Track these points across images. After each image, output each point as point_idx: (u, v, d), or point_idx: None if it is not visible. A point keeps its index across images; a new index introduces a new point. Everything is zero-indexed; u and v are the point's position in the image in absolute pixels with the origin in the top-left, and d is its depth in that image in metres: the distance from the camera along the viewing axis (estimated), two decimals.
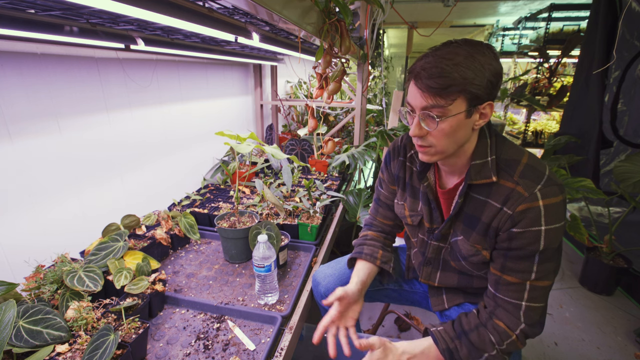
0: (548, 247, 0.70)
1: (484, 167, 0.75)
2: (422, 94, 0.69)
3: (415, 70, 0.70)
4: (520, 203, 0.70)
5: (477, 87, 0.67)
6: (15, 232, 1.04)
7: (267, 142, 2.41)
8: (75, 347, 0.77)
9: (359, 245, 1.07)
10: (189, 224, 1.35)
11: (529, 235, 0.70)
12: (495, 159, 0.76)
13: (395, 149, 0.99)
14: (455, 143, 0.74)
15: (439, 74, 0.66)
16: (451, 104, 0.68)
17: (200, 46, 1.52)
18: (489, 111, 0.72)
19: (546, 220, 0.69)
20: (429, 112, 0.70)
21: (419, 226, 0.96)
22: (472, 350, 0.76)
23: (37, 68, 1.05)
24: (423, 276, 1.00)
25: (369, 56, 2.10)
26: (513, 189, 0.72)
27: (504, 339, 0.74)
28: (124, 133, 1.41)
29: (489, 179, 0.75)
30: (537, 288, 0.73)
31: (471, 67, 0.66)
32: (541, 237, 0.69)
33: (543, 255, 0.71)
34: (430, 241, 0.93)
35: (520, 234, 0.71)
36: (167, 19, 0.77)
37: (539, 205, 0.69)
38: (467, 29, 5.86)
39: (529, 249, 0.71)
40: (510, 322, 0.75)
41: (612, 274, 2.04)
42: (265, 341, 0.91)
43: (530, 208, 0.69)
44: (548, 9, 3.58)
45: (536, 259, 0.72)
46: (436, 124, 0.70)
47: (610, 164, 2.57)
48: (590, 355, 1.63)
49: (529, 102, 3.54)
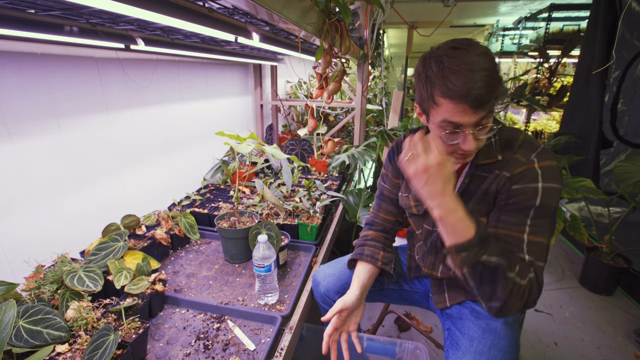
0: (544, 205, 0.73)
1: (490, 148, 0.81)
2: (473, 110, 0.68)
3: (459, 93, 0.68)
4: (518, 166, 0.76)
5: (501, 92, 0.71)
6: (15, 232, 1.04)
7: (267, 142, 2.41)
8: (75, 347, 0.77)
9: (359, 246, 1.07)
10: (189, 224, 1.35)
11: (527, 191, 0.74)
12: (498, 139, 0.81)
13: (399, 145, 1.05)
14: None
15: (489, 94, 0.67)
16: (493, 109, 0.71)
17: (200, 46, 1.52)
18: None
19: (543, 178, 0.74)
20: (482, 124, 0.71)
21: (424, 216, 0.98)
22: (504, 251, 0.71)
23: (37, 68, 1.05)
24: (427, 266, 1.01)
25: (369, 56, 2.10)
26: (511, 158, 0.79)
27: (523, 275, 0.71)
28: (124, 133, 1.41)
29: (495, 158, 0.80)
30: (534, 243, 0.74)
31: (497, 75, 0.69)
32: (538, 194, 0.74)
33: (538, 212, 0.74)
34: (435, 228, 0.95)
35: (518, 190, 0.75)
36: (167, 19, 0.77)
37: (535, 167, 0.75)
38: (467, 29, 5.86)
39: (525, 204, 0.75)
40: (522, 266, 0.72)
41: (612, 274, 2.04)
42: (265, 341, 0.91)
43: (527, 169, 0.75)
44: (548, 9, 3.58)
45: (531, 213, 0.74)
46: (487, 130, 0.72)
47: (610, 164, 2.57)
48: (590, 355, 1.63)
49: (529, 102, 3.53)
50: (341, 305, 0.89)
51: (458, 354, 0.85)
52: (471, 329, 0.89)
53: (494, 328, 0.87)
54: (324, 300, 1.15)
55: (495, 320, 0.89)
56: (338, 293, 1.12)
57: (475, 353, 0.83)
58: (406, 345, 1.09)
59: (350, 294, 0.94)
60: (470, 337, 0.87)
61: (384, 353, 1.10)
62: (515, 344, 0.86)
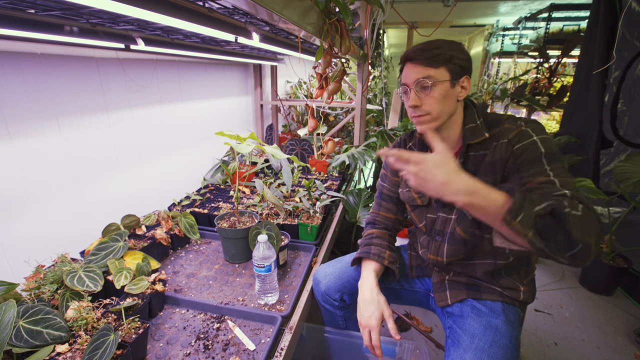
0: (549, 152, 0.80)
1: (476, 129, 0.90)
2: (414, 68, 0.87)
3: (408, 55, 0.89)
4: (510, 132, 0.86)
5: (456, 61, 0.85)
6: (16, 232, 1.04)
7: (267, 142, 2.41)
8: (75, 347, 0.77)
9: (365, 245, 1.08)
10: (189, 224, 1.35)
11: (529, 146, 0.82)
12: (484, 120, 0.91)
13: (397, 144, 1.12)
14: (446, 110, 0.88)
15: (429, 48, 0.85)
16: (438, 73, 0.85)
17: (200, 46, 1.52)
18: (467, 84, 0.89)
19: (535, 133, 0.83)
20: (422, 81, 0.86)
21: (428, 206, 1.02)
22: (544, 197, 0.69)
23: (37, 68, 1.05)
24: (431, 251, 1.02)
25: (369, 56, 2.10)
26: (501, 128, 0.88)
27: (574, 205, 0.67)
28: (124, 133, 1.41)
29: (483, 136, 0.89)
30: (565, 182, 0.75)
31: (450, 48, 0.86)
32: (538, 144, 0.81)
33: (548, 158, 0.80)
34: (439, 214, 0.99)
35: (520, 147, 0.83)
36: (167, 19, 0.77)
37: (525, 129, 0.84)
38: (467, 29, 5.87)
39: (534, 154, 0.81)
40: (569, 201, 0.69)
41: (612, 274, 2.03)
42: (265, 341, 0.91)
43: (519, 132, 0.85)
44: (548, 9, 3.58)
45: (544, 160, 0.80)
46: (428, 90, 0.86)
47: (610, 164, 2.57)
48: (590, 355, 1.63)
49: (529, 102, 3.53)
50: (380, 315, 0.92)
51: (459, 351, 0.86)
52: (472, 327, 0.89)
53: (495, 325, 0.87)
54: (324, 298, 1.15)
55: (496, 318, 0.89)
56: (338, 291, 1.12)
57: (477, 350, 0.83)
58: (406, 345, 1.09)
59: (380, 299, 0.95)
60: (472, 334, 0.87)
61: (384, 353, 1.10)
62: (516, 342, 0.87)
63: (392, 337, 0.86)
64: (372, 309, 0.93)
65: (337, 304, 1.15)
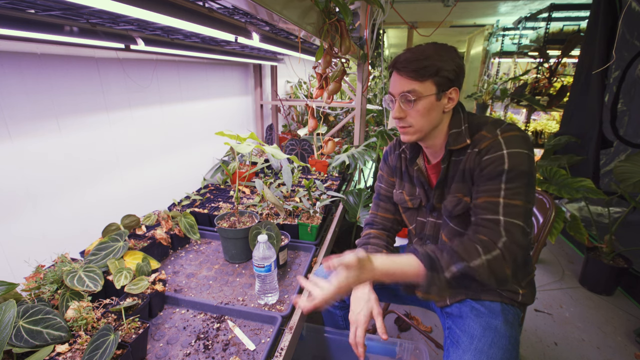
0: (513, 168, 0.79)
1: (459, 135, 0.89)
2: (400, 80, 0.85)
3: (395, 64, 0.86)
4: (484, 142, 0.84)
5: (444, 73, 0.82)
6: (15, 232, 1.04)
7: (267, 142, 2.41)
8: (75, 347, 0.77)
9: (362, 245, 1.09)
10: (189, 224, 1.35)
11: (494, 159, 0.81)
12: (468, 126, 0.89)
13: (392, 145, 1.13)
14: (429, 123, 0.88)
15: (417, 58, 0.82)
16: (423, 87, 0.83)
17: (200, 46, 1.52)
18: (455, 96, 0.87)
19: (507, 146, 0.81)
20: (406, 95, 0.85)
21: (419, 209, 1.03)
22: (453, 256, 0.76)
23: (37, 68, 1.05)
24: None
25: (369, 56, 2.10)
26: (478, 136, 0.86)
27: (489, 248, 0.75)
28: (123, 133, 1.41)
29: (464, 143, 0.88)
30: (510, 205, 0.78)
31: (439, 58, 0.82)
32: (505, 159, 0.80)
33: (509, 175, 0.79)
34: (428, 219, 1.01)
35: (487, 160, 0.82)
36: (167, 19, 0.77)
37: (498, 139, 0.82)
38: (467, 29, 5.87)
39: (495, 170, 0.80)
40: (492, 235, 0.77)
41: (612, 274, 2.04)
42: (265, 341, 0.91)
43: (492, 142, 0.83)
44: (548, 9, 3.58)
45: (503, 178, 0.80)
46: (412, 104, 0.85)
47: (610, 164, 2.57)
48: (590, 355, 1.63)
49: (529, 102, 3.53)
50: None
51: (458, 352, 0.86)
52: (472, 327, 0.89)
53: (495, 326, 0.87)
54: None
55: (495, 318, 0.89)
56: None
57: (476, 351, 0.83)
58: (406, 345, 1.09)
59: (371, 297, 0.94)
60: (471, 335, 0.87)
61: (384, 353, 1.10)
62: (515, 343, 0.86)
63: (380, 336, 0.85)
64: (362, 305, 0.92)
65: (337, 304, 1.15)
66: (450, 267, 0.75)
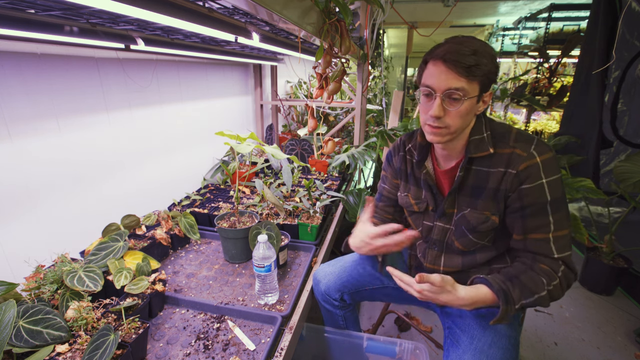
0: (555, 198, 0.78)
1: (482, 142, 0.84)
2: (448, 75, 0.75)
3: (440, 53, 0.76)
4: (522, 162, 0.79)
5: (491, 75, 0.77)
6: (15, 232, 1.04)
7: (267, 142, 2.41)
8: (75, 347, 0.77)
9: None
10: (189, 224, 1.35)
11: (534, 190, 0.78)
12: (491, 133, 0.85)
13: (396, 146, 1.06)
14: (464, 125, 0.81)
15: (466, 52, 0.73)
16: (471, 87, 0.76)
17: (200, 46, 1.52)
18: (489, 99, 0.83)
19: (545, 173, 0.78)
20: (453, 92, 0.76)
21: (425, 212, 1.00)
22: (523, 290, 0.78)
23: (37, 68, 1.05)
24: (428, 261, 1.01)
25: (369, 56, 2.10)
26: (512, 152, 0.81)
27: (551, 279, 0.78)
28: (123, 133, 1.41)
29: (487, 151, 0.83)
30: (559, 238, 0.80)
31: (487, 56, 0.75)
32: (545, 190, 0.78)
33: (553, 206, 0.79)
34: (435, 223, 0.97)
35: (526, 189, 0.79)
36: (167, 19, 0.77)
37: (537, 162, 0.78)
38: (467, 29, 5.86)
39: (539, 203, 0.79)
40: (552, 265, 0.80)
41: (612, 274, 2.03)
42: (265, 341, 0.91)
43: (531, 165, 0.78)
44: (548, 9, 3.58)
45: (549, 210, 0.79)
46: (457, 104, 0.77)
47: (610, 164, 2.57)
48: (590, 355, 1.63)
49: (529, 102, 3.54)
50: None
51: (458, 351, 0.86)
52: (472, 327, 0.89)
53: (495, 326, 0.87)
54: (324, 298, 1.15)
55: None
56: (338, 291, 1.12)
57: (476, 351, 0.83)
58: (406, 345, 1.09)
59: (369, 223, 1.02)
60: (471, 335, 0.87)
61: (384, 353, 1.10)
62: (516, 343, 0.86)
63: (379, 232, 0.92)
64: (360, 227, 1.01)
65: (337, 303, 1.15)
66: (522, 300, 0.78)
